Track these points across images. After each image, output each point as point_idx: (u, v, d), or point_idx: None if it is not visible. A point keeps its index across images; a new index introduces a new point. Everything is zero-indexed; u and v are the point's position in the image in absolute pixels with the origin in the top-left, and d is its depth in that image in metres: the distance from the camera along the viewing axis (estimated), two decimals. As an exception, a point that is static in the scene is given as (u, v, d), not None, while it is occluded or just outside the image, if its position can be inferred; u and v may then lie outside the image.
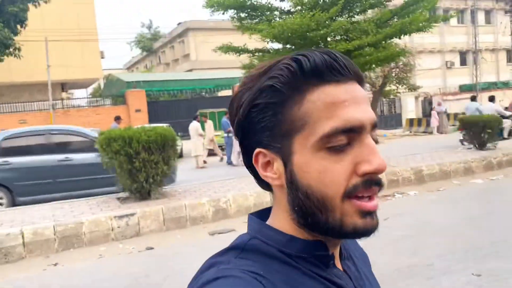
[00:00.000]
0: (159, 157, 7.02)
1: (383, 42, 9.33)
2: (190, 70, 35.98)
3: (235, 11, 10.06)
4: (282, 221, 0.67)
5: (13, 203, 8.02)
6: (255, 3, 9.75)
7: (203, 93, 31.04)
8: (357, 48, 9.02)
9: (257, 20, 9.84)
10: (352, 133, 0.60)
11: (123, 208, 6.70)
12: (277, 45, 10.17)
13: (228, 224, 6.61)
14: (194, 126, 13.32)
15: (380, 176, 0.62)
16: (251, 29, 9.75)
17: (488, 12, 37.99)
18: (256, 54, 10.65)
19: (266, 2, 10.01)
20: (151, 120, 21.64)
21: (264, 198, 7.32)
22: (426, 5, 9.01)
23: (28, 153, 8.35)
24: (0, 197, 8.07)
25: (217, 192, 7.59)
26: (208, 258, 0.65)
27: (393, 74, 20.96)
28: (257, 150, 0.65)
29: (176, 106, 25.36)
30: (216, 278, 0.58)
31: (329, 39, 9.40)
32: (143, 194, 7.20)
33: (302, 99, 0.61)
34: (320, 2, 9.57)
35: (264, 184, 0.69)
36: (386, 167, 0.61)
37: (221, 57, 14.59)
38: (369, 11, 10.11)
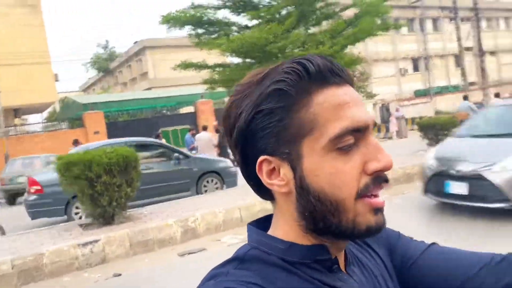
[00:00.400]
0: (121, 179, 6.78)
1: (339, 52, 9.54)
2: (149, 89, 35.51)
3: (192, 27, 10.01)
4: (285, 228, 0.66)
5: None
6: (212, 18, 9.75)
7: (164, 111, 30.67)
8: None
9: (215, 35, 9.83)
10: (359, 133, 0.61)
11: (86, 234, 6.40)
12: (237, 59, 10.19)
13: (198, 244, 6.43)
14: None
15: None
16: (210, 44, 9.72)
17: (435, 21, 39.79)
18: (217, 69, 10.62)
19: (223, 17, 10.03)
20: (111, 142, 21.07)
21: (233, 215, 7.20)
22: (378, 14, 9.32)
23: None
24: None
25: (185, 211, 7.41)
26: (210, 270, 0.65)
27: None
28: (262, 157, 0.63)
29: (136, 126, 24.82)
30: None
31: (287, 51, 9.50)
32: (106, 218, 6.91)
33: (309, 102, 0.61)
34: (277, 16, 9.69)
35: (266, 194, 0.67)
36: (393, 163, 0.61)
37: (181, 74, 14.48)
38: (324, 23, 10.32)
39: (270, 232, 0.68)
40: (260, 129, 0.62)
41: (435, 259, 0.76)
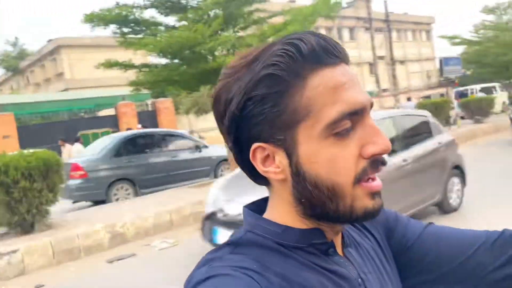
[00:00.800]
0: (42, 184, 6.32)
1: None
2: (66, 90, 33.50)
3: (118, 26, 9.63)
4: (281, 213, 0.64)
5: (136, 195, 9.32)
6: (138, 18, 9.45)
7: (82, 114, 29.13)
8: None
9: (141, 35, 9.54)
10: (356, 115, 0.58)
11: (2, 245, 5.88)
12: (165, 60, 9.98)
13: (127, 249, 6.19)
14: (77, 148, 12.40)
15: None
16: (136, 44, 9.42)
17: (352, 30, 42.10)
18: (143, 69, 10.31)
19: (150, 17, 9.77)
20: (22, 146, 19.53)
21: (164, 218, 7.04)
22: (306, 22, 9.67)
23: (143, 151, 9.81)
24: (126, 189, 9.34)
25: (113, 216, 7.09)
26: (206, 254, 0.62)
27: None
28: (255, 145, 0.61)
29: (51, 129, 23.25)
30: (207, 278, 0.56)
31: (216, 53, 9.50)
32: (25, 227, 6.40)
33: (303, 86, 0.58)
34: (205, 17, 9.64)
35: (260, 180, 0.65)
36: (390, 146, 0.59)
37: (100, 75, 13.89)
38: (254, 27, 10.47)
39: (265, 215, 0.66)
40: (253, 116, 0.59)
41: (432, 242, 0.76)
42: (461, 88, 24.93)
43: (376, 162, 0.60)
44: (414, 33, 48.71)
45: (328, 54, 0.59)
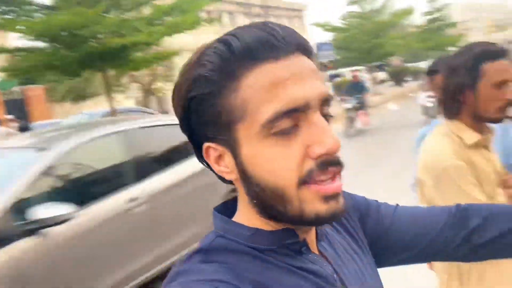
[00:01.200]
0: None
1: (159, 40, 9.55)
2: None
3: (-18, 4, 8.55)
4: (247, 214, 0.63)
5: None
6: (7, -4, 8.51)
7: None
8: (134, 44, 8.98)
9: (13, 15, 8.64)
10: (297, 113, 0.55)
11: None
12: (42, 43, 9.16)
13: None
14: None
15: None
16: (8, 26, 8.51)
17: (231, 14, 42.80)
18: (18, 54, 9.35)
19: (21, -5, 8.84)
20: None
21: None
22: (196, 6, 9.65)
23: None
24: None
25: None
26: (174, 266, 0.60)
27: (160, 73, 21.53)
28: (206, 144, 0.60)
29: None
30: None
31: (100, 36, 9.03)
32: None
33: (238, 85, 0.56)
34: (87, -1, 9.06)
35: (223, 177, 0.64)
36: (340, 146, 0.56)
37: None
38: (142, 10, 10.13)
39: (235, 218, 0.65)
40: (198, 115, 0.59)
41: (407, 222, 0.81)
42: (334, 72, 27.18)
43: (325, 163, 0.56)
44: (290, 19, 51.28)
45: (269, 48, 0.56)
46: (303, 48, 0.59)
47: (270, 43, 0.56)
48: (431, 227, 0.80)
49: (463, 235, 0.79)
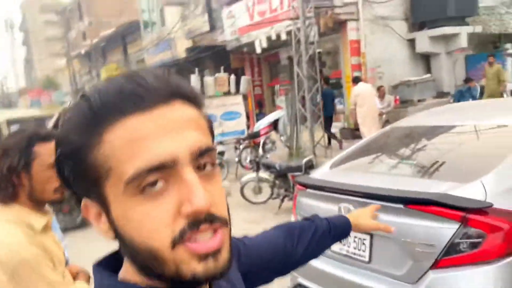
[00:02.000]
0: None
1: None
2: None
3: None
4: (132, 271, 0.58)
5: None
6: None
7: None
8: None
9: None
10: (165, 169, 0.52)
11: None
12: None
13: None
14: None
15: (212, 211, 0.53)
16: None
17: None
18: None
19: None
20: None
21: None
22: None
23: None
24: None
25: None
26: None
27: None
28: (84, 201, 0.57)
29: None
30: None
31: None
32: None
33: (100, 142, 0.52)
34: None
35: None
36: (208, 205, 0.52)
37: None
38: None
39: (121, 274, 0.59)
40: (68, 171, 0.55)
41: (260, 250, 0.97)
42: None
43: (197, 222, 0.52)
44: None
45: (135, 99, 0.52)
46: (182, 94, 0.55)
47: (136, 94, 0.52)
48: (276, 250, 1.01)
49: (302, 252, 1.05)
